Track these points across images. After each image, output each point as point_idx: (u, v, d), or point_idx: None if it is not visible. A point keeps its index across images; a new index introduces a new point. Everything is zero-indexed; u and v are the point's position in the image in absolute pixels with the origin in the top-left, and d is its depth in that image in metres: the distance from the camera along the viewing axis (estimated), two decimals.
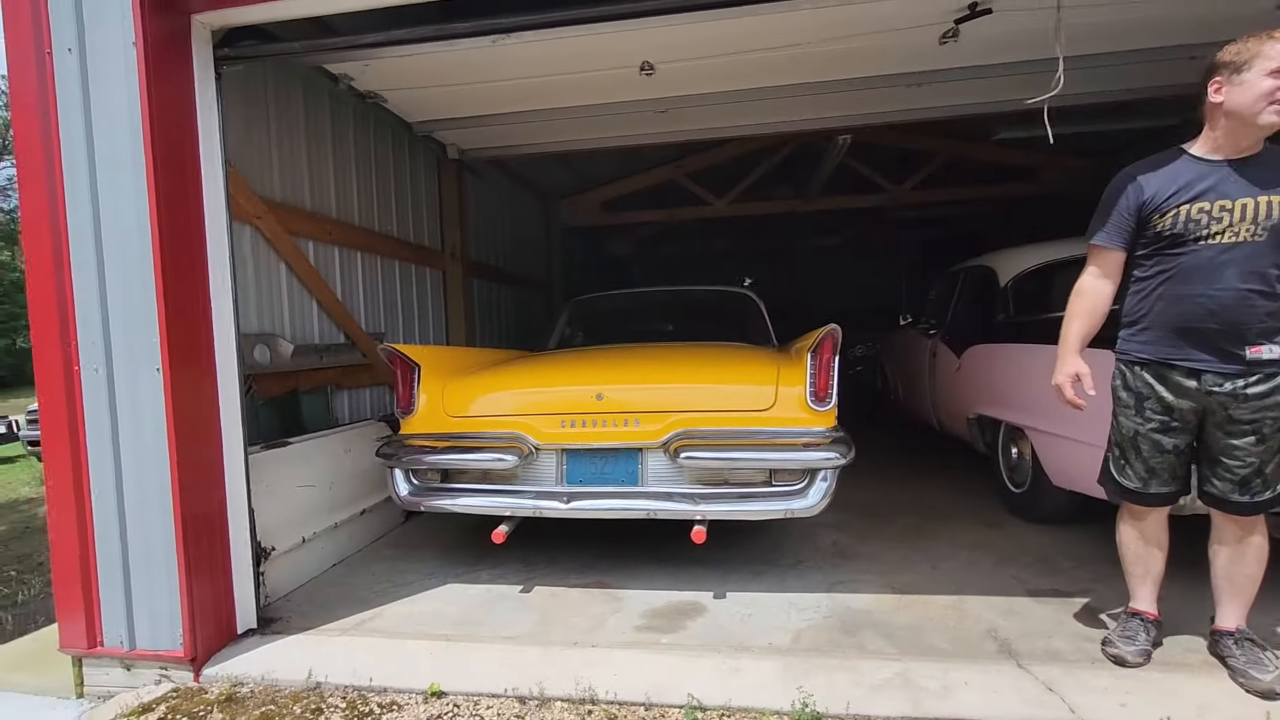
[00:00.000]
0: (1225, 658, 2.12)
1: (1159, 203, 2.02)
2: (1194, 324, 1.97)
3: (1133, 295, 2.13)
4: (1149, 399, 2.08)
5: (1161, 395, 2.06)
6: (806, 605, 2.76)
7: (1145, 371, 2.09)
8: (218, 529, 2.62)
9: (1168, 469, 2.11)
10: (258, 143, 3.71)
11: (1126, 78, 4.15)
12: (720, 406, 2.99)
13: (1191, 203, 1.96)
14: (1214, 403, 1.99)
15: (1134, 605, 2.30)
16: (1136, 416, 2.12)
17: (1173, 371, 2.03)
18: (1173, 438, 2.08)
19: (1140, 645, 2.19)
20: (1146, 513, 2.21)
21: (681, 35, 3.26)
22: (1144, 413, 2.10)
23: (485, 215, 7.11)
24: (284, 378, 3.84)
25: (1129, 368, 2.14)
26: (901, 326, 5.98)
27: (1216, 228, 1.93)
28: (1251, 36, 1.92)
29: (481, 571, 3.35)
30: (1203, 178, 1.97)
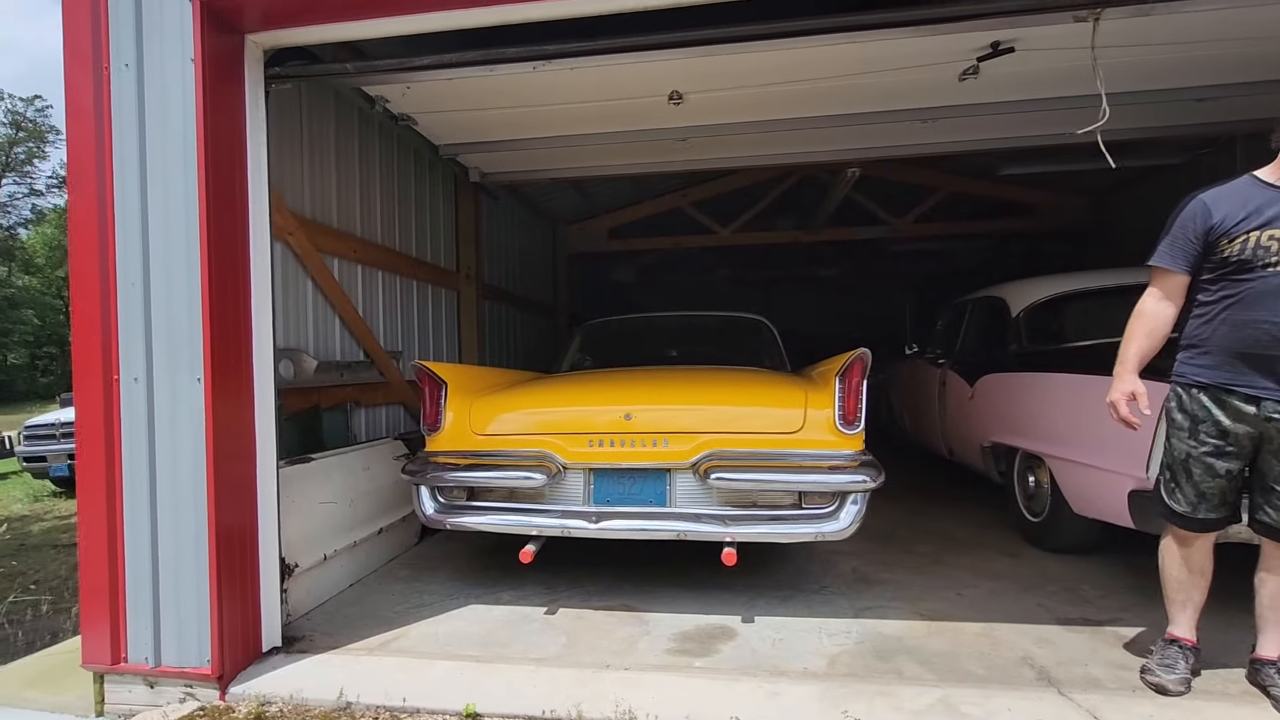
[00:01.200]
0: (1267, 687, 2.13)
1: (1228, 228, 2.04)
2: (1257, 350, 1.98)
3: (1195, 319, 2.15)
4: (1204, 422, 2.09)
5: (1218, 419, 2.07)
6: (837, 630, 2.75)
7: (1203, 395, 2.10)
8: (248, 544, 2.60)
9: (1218, 494, 2.10)
10: (291, 160, 3.77)
11: (1133, 118, 4.30)
12: (749, 428, 3.01)
13: (1262, 229, 1.99)
14: (1272, 429, 2.00)
15: (1173, 631, 2.29)
16: (1190, 439, 2.12)
17: (1231, 396, 2.04)
18: (1226, 462, 2.07)
19: (1180, 673, 2.18)
20: (1193, 538, 2.19)
21: (713, 66, 3.37)
22: (1198, 436, 2.10)
23: (498, 238, 7.19)
24: (306, 393, 3.83)
25: (1186, 390, 2.16)
26: (907, 356, 6.05)
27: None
28: None
29: (503, 592, 3.32)
30: (1274, 204, 2.00)
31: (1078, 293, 4.11)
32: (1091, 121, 2.81)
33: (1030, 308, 4.17)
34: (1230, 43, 3.16)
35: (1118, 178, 7.03)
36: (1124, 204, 7.43)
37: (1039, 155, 5.77)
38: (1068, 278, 4.28)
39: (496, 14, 2.34)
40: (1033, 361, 3.85)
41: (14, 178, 33.16)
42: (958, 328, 5.16)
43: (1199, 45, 3.16)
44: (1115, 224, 7.64)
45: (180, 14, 2.40)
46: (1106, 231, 7.75)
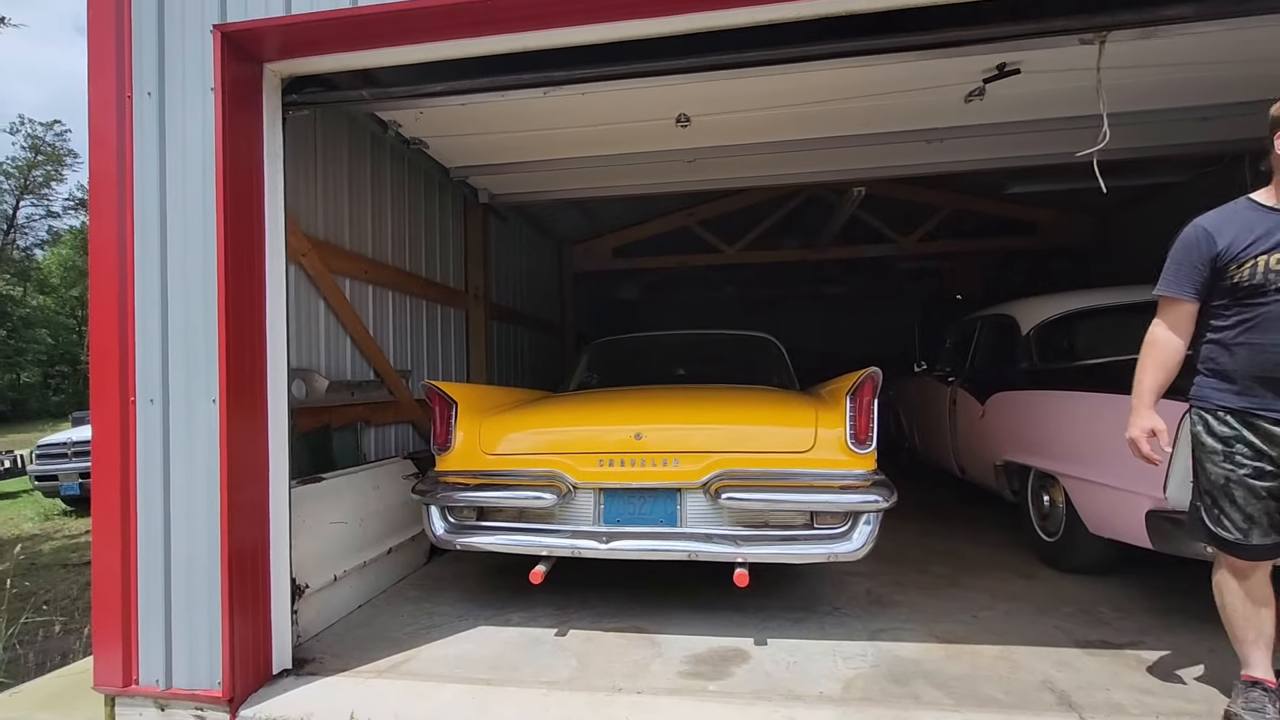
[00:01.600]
0: None
1: (1236, 253, 2.02)
2: (1278, 374, 1.95)
3: (1211, 344, 2.11)
4: (1238, 443, 2.02)
5: (1250, 440, 2.01)
6: (851, 653, 2.72)
7: (1230, 417, 2.05)
8: (260, 565, 2.60)
9: (1267, 516, 2.00)
10: (305, 183, 3.83)
11: (1137, 137, 4.33)
12: (760, 448, 3.00)
13: (1270, 253, 1.97)
14: None
15: (1251, 673, 2.11)
16: (1226, 463, 2.05)
17: (1259, 420, 2.00)
18: (1268, 481, 1.99)
19: (1271, 717, 2.04)
20: (1250, 568, 2.07)
21: (720, 89, 3.41)
22: (1234, 458, 2.03)
23: (506, 258, 7.25)
24: (317, 413, 3.85)
25: (1211, 414, 2.10)
26: (916, 373, 6.04)
27: None
28: None
29: (512, 614, 3.29)
30: (1279, 227, 1.98)
31: (1088, 310, 4.11)
32: (1093, 140, 2.83)
33: (1041, 325, 4.17)
34: (1232, 64, 3.18)
35: (1122, 196, 7.04)
36: (1128, 222, 7.44)
37: (1044, 174, 5.80)
38: (1077, 295, 4.28)
39: (508, 42, 2.39)
40: (1045, 379, 3.83)
41: (32, 200, 33.79)
42: (967, 345, 5.14)
43: (1202, 66, 3.19)
44: (1119, 242, 7.64)
45: (201, 44, 2.46)
46: (1110, 249, 7.75)
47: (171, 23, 2.50)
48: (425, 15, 2.34)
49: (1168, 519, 2.63)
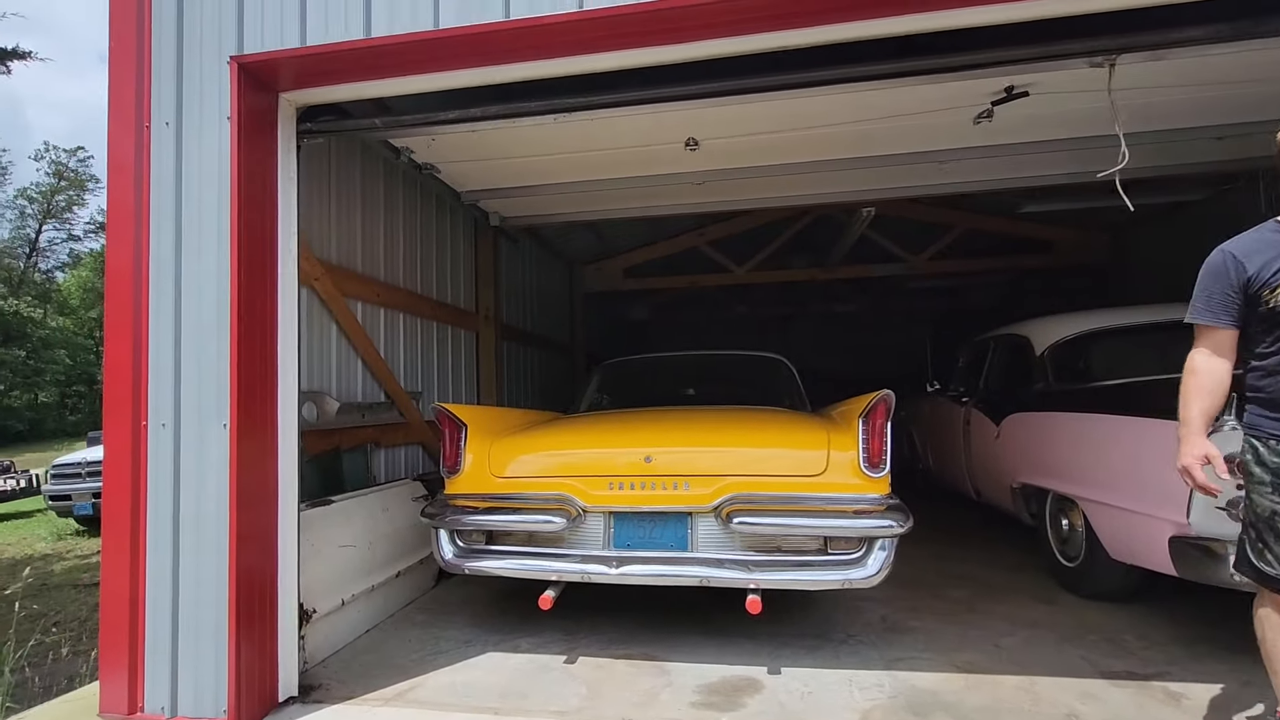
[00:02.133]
0: None
1: (1267, 278, 1.97)
2: None
3: (1255, 372, 2.04)
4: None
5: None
6: (868, 683, 2.65)
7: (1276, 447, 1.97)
8: (268, 591, 2.58)
9: None
10: (319, 208, 3.88)
11: (1152, 156, 4.31)
12: (772, 471, 2.97)
13: None
14: None
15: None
16: (1274, 494, 1.97)
17: None
18: None
19: None
20: None
21: (727, 114, 3.44)
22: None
23: (516, 279, 7.30)
24: (328, 435, 3.86)
25: (1263, 442, 2.02)
26: (929, 393, 5.97)
27: None
28: None
29: (521, 640, 3.25)
30: None
31: (1103, 330, 4.05)
32: (1107, 159, 2.81)
33: (1055, 345, 4.11)
34: (1244, 84, 3.17)
35: (1138, 214, 6.93)
36: (1145, 240, 7.37)
37: (1058, 193, 5.77)
38: (1091, 315, 4.23)
39: (519, 71, 2.42)
40: (1061, 401, 3.77)
41: (54, 224, 34.56)
42: (980, 365, 5.09)
43: (1213, 86, 3.18)
44: (1135, 260, 7.57)
45: (219, 75, 2.51)
46: (1126, 268, 7.68)
47: (190, 55, 2.55)
48: (437, 46, 2.38)
49: (1192, 545, 2.57)
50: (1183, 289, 6.15)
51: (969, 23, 2.27)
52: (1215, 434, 2.45)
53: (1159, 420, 2.80)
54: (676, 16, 2.17)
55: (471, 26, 2.30)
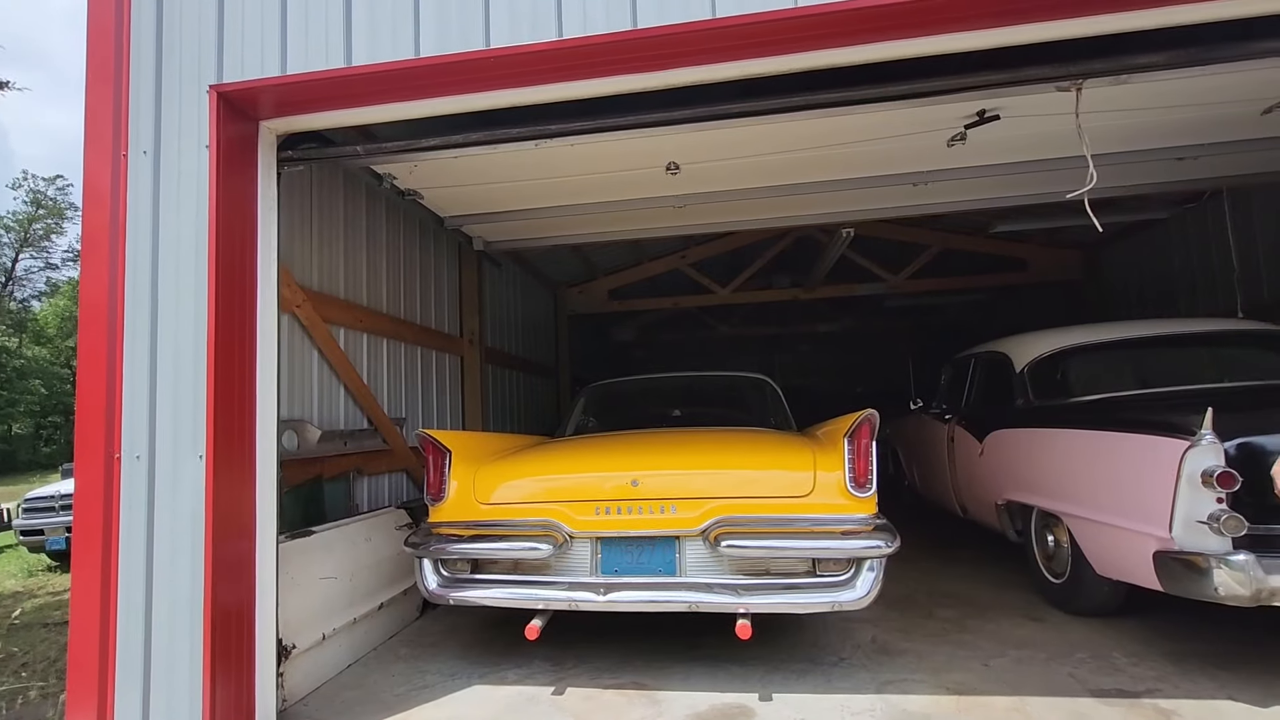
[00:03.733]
0: None
1: None
2: None
3: None
4: None
5: None
6: (860, 708, 2.62)
7: None
8: (245, 626, 2.51)
9: None
10: (300, 234, 3.86)
11: (1117, 176, 4.43)
12: (758, 493, 2.96)
13: None
14: None
15: None
16: None
17: None
18: None
19: None
20: None
21: (707, 139, 3.49)
22: None
23: (500, 303, 7.30)
24: (309, 464, 3.80)
25: None
26: (913, 411, 6.01)
27: None
28: None
29: (507, 671, 3.18)
30: None
31: (1080, 347, 4.12)
32: (1076, 180, 2.89)
33: (1034, 362, 4.16)
34: (1203, 106, 3.28)
35: (1108, 232, 7.14)
36: (1114, 257, 7.56)
37: (1029, 213, 5.91)
38: (1068, 332, 4.29)
39: (499, 99, 2.45)
40: (1042, 417, 3.81)
41: (31, 253, 34.05)
42: (962, 383, 5.13)
43: (1175, 109, 3.29)
44: (1107, 277, 7.74)
45: (198, 104, 2.51)
46: (1099, 284, 7.85)
47: (169, 84, 2.55)
48: (418, 75, 2.40)
49: (1177, 560, 2.58)
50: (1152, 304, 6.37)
51: (941, 50, 2.33)
52: (1193, 449, 2.50)
53: (1139, 435, 2.84)
54: (652, 46, 2.21)
55: (452, 55, 2.32)
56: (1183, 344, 4.07)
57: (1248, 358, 3.94)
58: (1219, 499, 2.43)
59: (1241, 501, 2.45)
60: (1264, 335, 3.94)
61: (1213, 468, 2.42)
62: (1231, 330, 4.13)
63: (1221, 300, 5.63)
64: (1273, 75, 2.87)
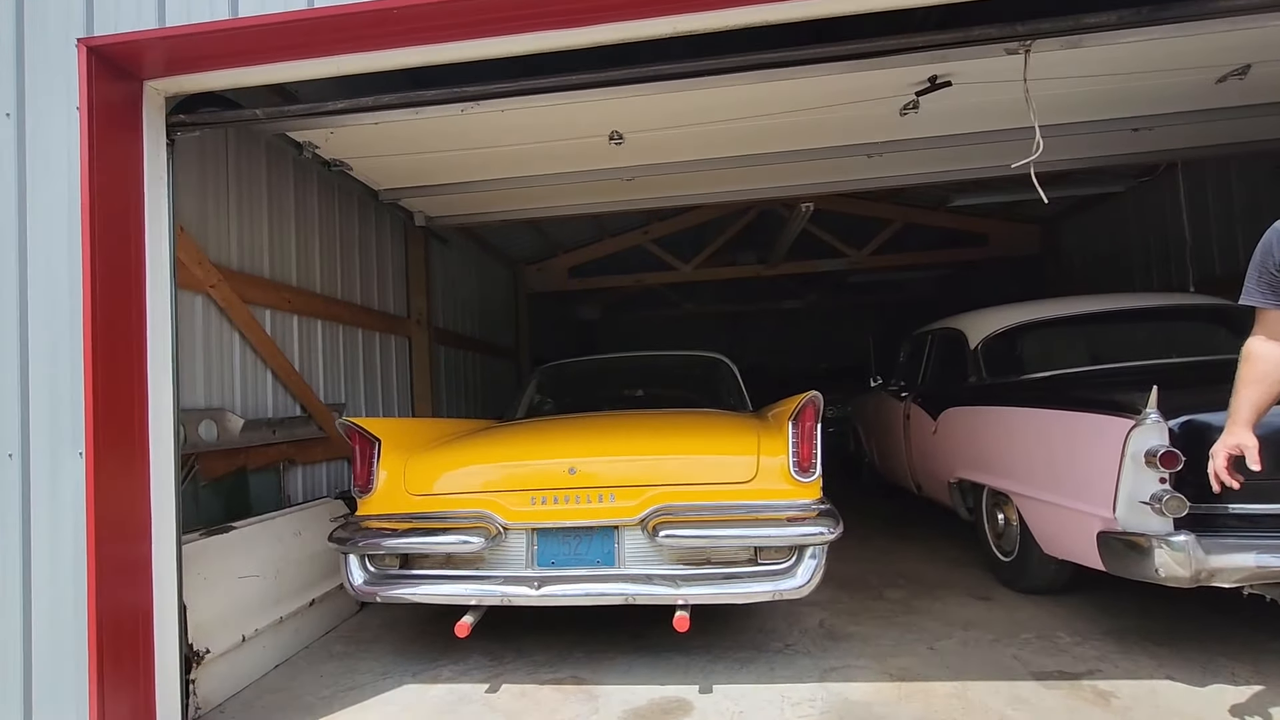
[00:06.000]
0: None
1: None
2: None
3: None
4: None
5: None
6: (800, 698, 2.54)
7: None
8: (142, 634, 2.32)
9: None
10: (216, 209, 3.59)
11: (1074, 148, 4.36)
12: (700, 479, 2.84)
13: None
14: None
15: None
16: None
17: None
18: None
19: None
20: None
21: (649, 106, 3.29)
22: None
23: (452, 281, 7.03)
24: (231, 455, 3.57)
25: None
26: (872, 388, 5.97)
27: None
28: None
29: (443, 668, 3.04)
30: None
31: (1033, 323, 4.07)
32: (1030, 152, 2.78)
33: (988, 339, 4.11)
34: (1159, 74, 3.19)
35: (1065, 206, 7.17)
36: (1072, 231, 7.58)
37: (986, 186, 5.85)
38: (1024, 307, 4.24)
39: (406, 57, 2.22)
40: (994, 394, 3.76)
41: None
42: (919, 360, 5.08)
43: (1131, 77, 3.19)
44: (1065, 251, 7.77)
45: (65, 60, 2.23)
46: (1057, 259, 7.88)
47: (32, 36, 2.27)
48: (314, 28, 2.16)
49: (1119, 540, 2.54)
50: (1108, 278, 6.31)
51: (891, 4, 2.17)
52: (1138, 428, 2.44)
53: (1084, 414, 2.78)
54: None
55: (348, 6, 2.08)
56: (1134, 319, 4.04)
57: (1198, 332, 3.93)
58: (1162, 479, 2.38)
59: (1185, 480, 2.40)
60: (1214, 310, 3.93)
61: (1156, 447, 2.37)
62: (1183, 305, 4.11)
63: (1175, 274, 5.65)
64: (1226, 41, 2.78)
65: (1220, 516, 2.46)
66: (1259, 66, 3.14)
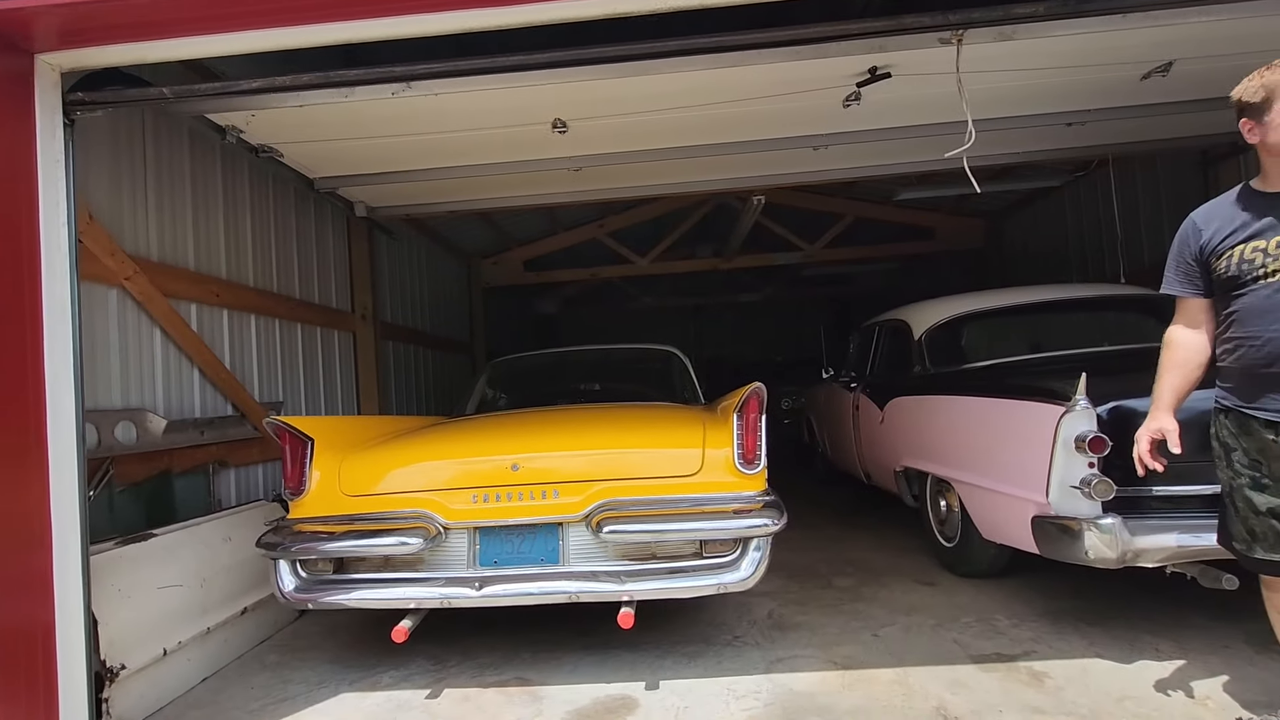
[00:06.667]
0: None
1: (1215, 245, 1.91)
2: (1260, 369, 1.82)
3: (1218, 343, 1.98)
4: (1235, 450, 1.91)
5: (1246, 448, 1.88)
6: (745, 691, 2.53)
7: (1229, 420, 1.93)
8: (40, 651, 2.15)
9: (1273, 535, 1.83)
10: (132, 196, 3.38)
11: (1012, 142, 4.46)
12: (644, 473, 2.80)
13: (1246, 242, 1.85)
14: None
15: None
16: (1227, 470, 1.94)
17: (1252, 421, 1.87)
18: (1269, 497, 1.84)
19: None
20: (1275, 583, 1.92)
21: (591, 92, 3.21)
22: (1233, 466, 1.92)
23: (401, 275, 6.83)
24: (152, 458, 3.38)
25: (1216, 417, 1.98)
26: (824, 380, 6.04)
27: (1274, 265, 1.79)
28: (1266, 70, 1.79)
29: (383, 674, 2.93)
30: (1263, 214, 1.85)
31: (976, 313, 4.16)
32: (975, 146, 2.81)
33: (931, 329, 4.18)
34: (1088, 69, 3.26)
35: (1007, 201, 7.38)
36: (1013, 225, 7.82)
37: (930, 180, 5.96)
38: (966, 299, 4.33)
39: (321, 34, 2.09)
40: (935, 384, 3.83)
41: None
42: (868, 351, 5.16)
43: (1062, 71, 3.26)
44: (1008, 244, 8.01)
45: None
46: (1000, 251, 8.12)
47: None
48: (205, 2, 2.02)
49: (1052, 524, 2.60)
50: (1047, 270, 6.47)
51: None
52: (1068, 415, 2.49)
53: (1018, 401, 2.84)
54: None
55: None
56: (1069, 309, 4.18)
57: (1128, 321, 4.07)
58: (1090, 464, 2.44)
59: (1112, 465, 2.47)
60: (1142, 299, 4.07)
61: (1085, 433, 2.42)
62: (1113, 295, 4.27)
63: (1108, 266, 5.87)
64: (1150, 37, 2.86)
65: (1145, 499, 2.54)
66: (1180, 64, 3.25)
